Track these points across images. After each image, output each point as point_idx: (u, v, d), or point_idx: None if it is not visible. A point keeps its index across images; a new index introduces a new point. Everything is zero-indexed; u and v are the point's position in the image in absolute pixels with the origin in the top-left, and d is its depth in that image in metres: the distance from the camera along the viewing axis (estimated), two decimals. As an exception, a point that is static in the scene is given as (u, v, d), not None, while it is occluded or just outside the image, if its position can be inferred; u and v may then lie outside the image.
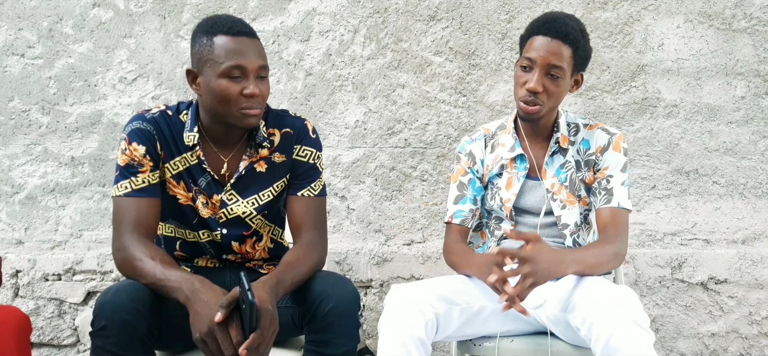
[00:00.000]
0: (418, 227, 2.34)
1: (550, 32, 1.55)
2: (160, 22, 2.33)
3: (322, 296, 1.43)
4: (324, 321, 1.42)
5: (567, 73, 1.57)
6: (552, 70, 1.55)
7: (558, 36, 1.55)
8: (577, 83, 1.64)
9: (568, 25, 1.56)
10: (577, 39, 1.56)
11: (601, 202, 1.65)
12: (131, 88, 2.34)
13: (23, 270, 2.34)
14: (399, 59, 2.32)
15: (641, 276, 2.27)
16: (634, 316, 1.34)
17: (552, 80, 1.56)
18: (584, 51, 1.59)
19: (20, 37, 2.34)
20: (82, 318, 2.36)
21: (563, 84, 1.59)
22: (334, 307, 1.42)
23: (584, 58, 1.61)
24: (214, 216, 1.56)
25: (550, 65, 1.55)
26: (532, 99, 1.57)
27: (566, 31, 1.55)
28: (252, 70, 1.48)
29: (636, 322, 1.33)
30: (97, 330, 1.39)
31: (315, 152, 1.63)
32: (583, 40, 1.58)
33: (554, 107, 1.64)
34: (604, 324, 1.34)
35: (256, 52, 1.50)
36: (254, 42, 1.51)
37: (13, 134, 2.35)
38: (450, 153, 2.32)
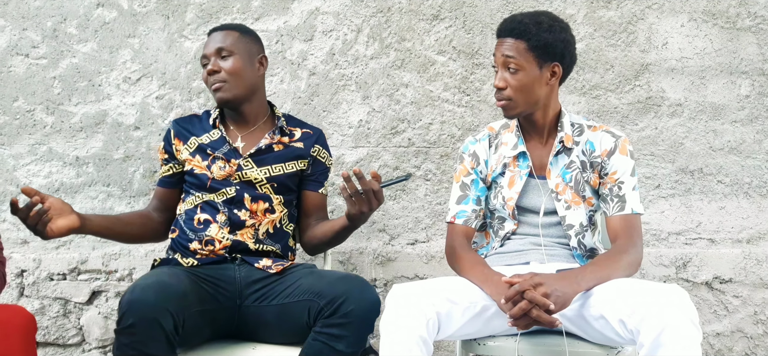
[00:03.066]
0: (421, 227, 2.34)
1: (501, 33, 1.65)
2: (163, 21, 2.34)
3: (346, 295, 1.54)
4: (343, 318, 1.53)
5: (526, 65, 1.60)
6: (509, 64, 1.62)
7: (507, 33, 1.63)
8: (554, 74, 1.64)
9: (516, 21, 1.63)
10: (527, 31, 1.60)
11: (615, 210, 1.65)
12: (135, 88, 2.35)
13: (28, 269, 2.35)
14: (402, 59, 2.32)
15: (646, 275, 2.26)
16: (690, 314, 1.35)
17: (511, 74, 1.62)
18: (539, 41, 1.59)
19: (24, 37, 2.35)
20: (87, 318, 2.36)
21: (526, 76, 1.61)
22: (354, 309, 1.52)
23: (544, 48, 1.60)
24: (230, 178, 1.79)
25: (506, 59, 1.62)
26: (500, 95, 1.65)
27: (513, 26, 1.62)
28: (211, 54, 1.79)
29: (691, 320, 1.35)
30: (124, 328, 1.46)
31: (329, 157, 1.94)
32: (537, 30, 1.59)
33: (533, 101, 1.64)
34: (658, 318, 1.35)
35: (217, 39, 1.80)
36: (222, 33, 1.81)
37: (17, 134, 2.36)
38: (454, 153, 2.32)
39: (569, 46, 1.65)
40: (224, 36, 1.81)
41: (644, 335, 1.36)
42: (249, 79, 1.81)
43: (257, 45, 1.87)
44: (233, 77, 1.78)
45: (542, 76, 1.63)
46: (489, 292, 1.53)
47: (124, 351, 1.47)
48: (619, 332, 1.45)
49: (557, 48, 1.62)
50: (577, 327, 1.55)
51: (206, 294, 1.66)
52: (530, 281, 1.45)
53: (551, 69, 1.64)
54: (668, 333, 1.33)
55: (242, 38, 1.82)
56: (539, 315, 1.42)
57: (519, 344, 1.56)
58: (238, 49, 1.80)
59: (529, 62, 1.61)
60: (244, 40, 1.82)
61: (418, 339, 1.43)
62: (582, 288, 1.50)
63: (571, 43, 1.66)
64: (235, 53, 1.79)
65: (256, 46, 1.86)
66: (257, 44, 1.87)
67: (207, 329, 1.67)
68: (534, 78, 1.62)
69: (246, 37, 1.84)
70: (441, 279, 1.62)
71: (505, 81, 1.63)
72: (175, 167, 1.87)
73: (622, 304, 1.43)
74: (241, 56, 1.79)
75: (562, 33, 1.63)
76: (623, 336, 1.45)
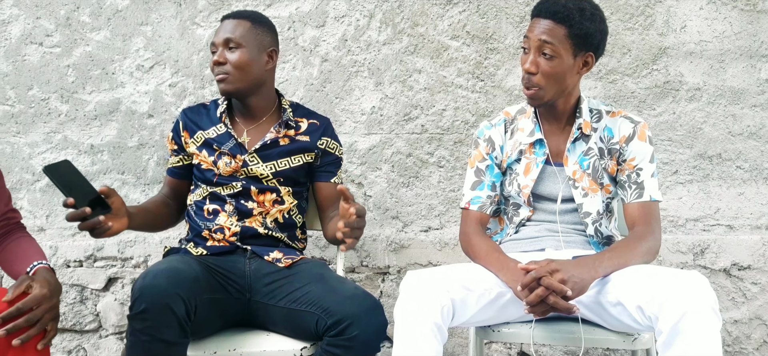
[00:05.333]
0: (435, 214, 2.33)
1: (541, 13, 1.57)
2: (176, 9, 2.33)
3: (352, 319, 1.51)
4: (348, 341, 1.51)
5: (563, 52, 1.55)
6: (545, 49, 1.55)
7: (548, 15, 1.55)
8: (586, 64, 1.60)
9: (559, 4, 1.55)
10: (569, 17, 1.53)
11: (633, 197, 1.63)
12: (148, 75, 2.35)
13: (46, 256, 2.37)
14: (415, 44, 2.30)
15: (663, 262, 2.24)
16: (710, 301, 1.34)
17: (546, 60, 1.55)
18: (580, 29, 1.54)
19: (38, 26, 2.36)
20: (104, 304, 2.39)
21: (560, 64, 1.55)
22: (359, 335, 1.51)
23: (584, 37, 1.55)
24: (235, 174, 1.79)
25: (542, 43, 1.55)
26: (529, 80, 1.58)
27: (556, 9, 1.54)
28: (219, 43, 1.76)
29: (711, 307, 1.33)
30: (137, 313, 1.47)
31: (339, 146, 1.91)
32: (579, 17, 1.53)
33: (561, 90, 1.60)
34: (677, 304, 1.33)
35: (227, 28, 1.77)
36: (232, 21, 1.77)
37: (33, 123, 2.38)
38: (467, 139, 2.30)
39: (605, 37, 1.61)
40: (235, 26, 1.76)
41: (663, 321, 1.35)
42: (255, 73, 1.77)
43: (269, 36, 1.82)
44: (238, 70, 1.74)
45: (575, 65, 1.58)
46: (505, 279, 1.52)
47: (137, 337, 1.48)
48: (636, 318, 1.43)
49: (595, 38, 1.57)
50: (594, 313, 1.53)
51: (217, 283, 1.67)
52: (547, 267, 1.43)
53: (584, 59, 1.59)
54: (688, 320, 1.32)
55: (253, 29, 1.78)
56: (556, 302, 1.41)
57: (534, 331, 1.55)
58: (246, 41, 1.75)
59: (566, 50, 1.55)
60: (254, 31, 1.77)
61: (433, 325, 1.43)
62: (599, 275, 1.48)
63: (606, 35, 1.62)
64: (242, 45, 1.75)
65: (268, 37, 1.81)
66: (269, 36, 1.82)
67: (218, 319, 1.67)
68: (567, 67, 1.57)
69: (258, 27, 1.79)
70: (455, 265, 1.61)
71: (536, 65, 1.56)
72: (184, 159, 1.87)
73: (641, 290, 1.41)
74: (248, 49, 1.75)
75: (602, 23, 1.58)
76: (641, 323, 1.43)
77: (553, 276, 1.42)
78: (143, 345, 1.48)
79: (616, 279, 1.49)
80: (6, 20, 2.35)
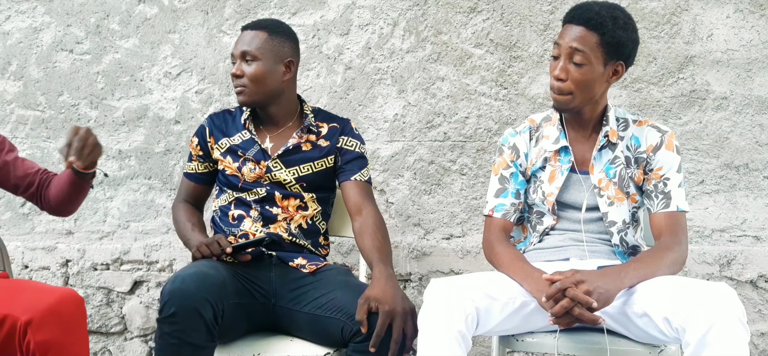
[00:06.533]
0: (457, 222, 2.33)
1: (574, 19, 1.55)
2: (203, 17, 2.37)
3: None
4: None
5: (593, 60, 1.53)
6: (575, 56, 1.53)
7: (581, 22, 1.54)
8: (616, 73, 1.59)
9: (592, 11, 1.54)
10: (602, 24, 1.52)
11: (659, 206, 1.61)
12: (175, 82, 2.39)
13: (73, 259, 2.42)
14: (439, 52, 2.31)
15: (689, 273, 2.21)
16: (738, 313, 1.33)
17: (576, 67, 1.54)
18: (613, 37, 1.53)
19: (69, 34, 2.41)
20: (129, 307, 2.43)
21: (590, 72, 1.54)
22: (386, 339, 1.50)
23: (616, 46, 1.54)
24: (260, 180, 1.80)
25: (573, 50, 1.53)
26: (558, 86, 1.56)
27: (589, 16, 1.53)
28: (237, 56, 1.78)
29: (739, 319, 1.32)
30: (166, 317, 1.49)
31: (358, 143, 1.88)
32: (612, 26, 1.52)
33: (589, 98, 1.59)
34: (705, 316, 1.32)
35: (245, 41, 1.78)
36: (250, 33, 1.78)
37: (62, 128, 2.43)
38: (490, 147, 2.30)
39: (637, 47, 1.60)
40: (252, 38, 1.77)
41: (690, 333, 1.33)
42: (271, 85, 1.77)
43: (287, 47, 1.80)
44: (254, 83, 1.75)
45: (605, 74, 1.57)
46: (529, 289, 1.51)
47: (166, 340, 1.50)
48: (663, 330, 1.42)
49: (627, 48, 1.56)
50: (620, 324, 1.52)
51: (243, 288, 1.68)
52: (572, 278, 1.43)
53: (615, 67, 1.58)
54: (715, 332, 1.30)
55: (270, 40, 1.77)
56: (582, 313, 1.40)
57: (558, 341, 1.54)
58: (263, 53, 1.75)
59: (597, 58, 1.54)
60: (272, 43, 1.77)
61: (457, 334, 1.42)
62: (625, 285, 1.47)
63: (638, 44, 1.60)
64: (259, 58, 1.75)
65: (286, 48, 1.80)
66: (287, 46, 1.81)
67: (244, 324, 1.69)
68: (597, 75, 1.56)
69: (275, 38, 1.78)
70: (479, 273, 1.61)
71: (566, 72, 1.55)
72: (209, 166, 1.89)
73: (668, 302, 1.40)
74: (265, 62, 1.75)
75: (634, 33, 1.58)
76: (667, 335, 1.42)
77: (578, 287, 1.41)
78: (172, 348, 1.51)
79: (643, 289, 1.48)
80: (38, 28, 2.41)
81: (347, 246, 2.36)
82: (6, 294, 1.49)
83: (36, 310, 1.42)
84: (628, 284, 1.48)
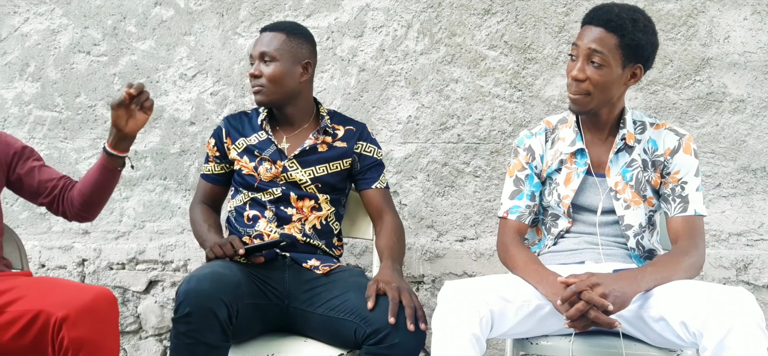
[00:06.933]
0: (470, 224, 2.33)
1: (593, 20, 1.55)
2: (218, 19, 2.39)
3: (391, 328, 1.53)
4: (388, 349, 1.53)
5: (612, 61, 1.53)
6: (594, 57, 1.53)
7: (600, 23, 1.54)
8: (634, 76, 1.59)
9: (612, 13, 1.53)
10: (622, 26, 1.51)
11: (677, 210, 1.60)
12: (191, 84, 2.41)
13: (89, 258, 2.45)
14: (452, 54, 2.31)
15: (705, 277, 2.19)
16: (757, 317, 1.31)
17: (595, 68, 1.54)
18: (632, 40, 1.52)
19: (86, 36, 2.44)
20: (144, 306, 2.45)
21: (608, 74, 1.54)
22: (400, 342, 1.52)
23: (635, 49, 1.53)
24: (276, 179, 1.82)
25: (592, 52, 1.53)
26: (576, 87, 1.56)
27: (609, 18, 1.53)
28: (255, 56, 1.81)
29: (758, 324, 1.31)
30: (181, 316, 1.51)
31: (376, 148, 1.92)
32: (632, 28, 1.52)
33: (606, 100, 1.59)
34: (722, 320, 1.31)
35: (263, 42, 1.81)
36: (268, 34, 1.81)
37: (80, 129, 2.46)
38: (504, 149, 2.30)
39: (656, 50, 1.59)
40: (271, 39, 1.80)
41: (708, 338, 1.32)
42: (289, 85, 1.80)
43: (305, 48, 1.83)
44: (272, 83, 1.78)
45: (623, 76, 1.57)
46: (544, 292, 1.51)
47: (181, 339, 1.52)
48: (680, 335, 1.41)
49: (646, 50, 1.56)
50: (636, 328, 1.51)
51: (257, 289, 1.70)
52: (587, 281, 1.42)
53: (633, 70, 1.57)
54: (734, 337, 1.29)
55: (289, 42, 1.80)
56: (597, 317, 1.40)
57: (573, 344, 1.54)
58: (281, 54, 1.78)
59: (616, 60, 1.54)
60: (290, 44, 1.80)
61: (472, 336, 1.42)
62: (641, 289, 1.46)
63: (657, 48, 1.60)
64: (277, 59, 1.78)
65: (304, 49, 1.83)
66: (305, 47, 1.83)
67: (258, 324, 1.70)
68: (615, 77, 1.55)
69: (294, 40, 1.81)
70: (494, 276, 1.60)
71: (584, 73, 1.55)
72: (225, 167, 1.91)
73: (685, 306, 1.39)
74: (283, 63, 1.78)
75: (653, 36, 1.57)
76: (685, 339, 1.41)
77: (594, 290, 1.41)
78: (187, 348, 1.52)
79: (659, 293, 1.47)
80: (55, 30, 2.44)
81: (360, 248, 2.37)
82: (39, 291, 1.51)
83: (72, 307, 1.43)
84: (645, 287, 1.47)
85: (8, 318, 1.47)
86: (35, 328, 1.44)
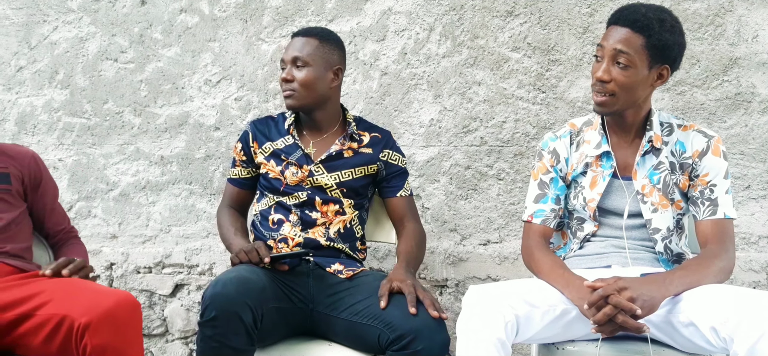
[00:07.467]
0: (494, 227, 2.31)
1: (619, 21, 1.53)
2: (242, 26, 2.41)
3: (416, 334, 1.53)
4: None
5: (638, 62, 1.51)
6: (619, 58, 1.51)
7: (626, 23, 1.51)
8: (661, 77, 1.56)
9: (638, 13, 1.51)
10: (648, 27, 1.49)
11: (706, 214, 1.58)
12: (216, 90, 2.44)
13: (117, 262, 2.49)
14: (475, 56, 2.30)
15: (735, 280, 2.15)
16: None
17: (620, 69, 1.51)
18: (659, 40, 1.50)
19: (113, 43, 2.48)
20: (171, 310, 2.48)
21: (634, 74, 1.51)
22: (424, 349, 1.52)
23: (662, 49, 1.51)
24: (302, 183, 1.84)
25: (617, 52, 1.51)
26: (601, 88, 1.54)
27: (635, 18, 1.50)
28: (287, 61, 1.83)
29: None
30: (207, 320, 1.53)
31: (401, 157, 1.95)
32: (659, 28, 1.49)
33: (632, 101, 1.57)
34: (754, 325, 1.28)
35: (296, 46, 1.82)
36: (301, 39, 1.83)
37: (107, 135, 2.50)
38: (528, 151, 2.28)
39: (683, 51, 1.57)
40: (303, 44, 1.82)
41: (739, 343, 1.30)
42: (320, 90, 1.82)
43: (336, 54, 1.86)
44: (304, 88, 1.80)
45: (649, 77, 1.55)
46: (570, 296, 1.49)
47: (207, 343, 1.54)
48: (710, 340, 1.38)
49: (673, 51, 1.53)
50: (664, 333, 1.49)
51: (282, 293, 1.71)
52: (615, 285, 1.40)
53: (660, 71, 1.55)
54: (766, 342, 1.26)
55: (321, 47, 1.82)
56: (625, 321, 1.38)
57: (600, 349, 1.52)
58: (314, 59, 1.80)
59: (642, 60, 1.52)
60: (322, 50, 1.82)
61: (497, 341, 1.41)
62: (670, 293, 1.44)
63: (684, 48, 1.57)
64: (310, 64, 1.80)
65: (335, 55, 1.85)
66: (336, 53, 1.86)
67: (283, 328, 1.72)
68: (641, 78, 1.53)
69: (326, 45, 1.83)
70: (519, 280, 1.59)
71: (609, 74, 1.53)
72: (251, 171, 1.93)
73: (715, 311, 1.36)
74: (315, 68, 1.80)
75: (681, 36, 1.55)
76: (715, 345, 1.38)
77: (621, 294, 1.39)
78: (213, 351, 1.54)
79: (689, 298, 1.44)
80: (84, 37, 2.49)
81: (383, 252, 2.37)
82: (64, 295, 1.52)
83: (94, 313, 1.44)
84: (674, 292, 1.44)
85: (37, 322, 1.48)
86: (61, 334, 1.45)
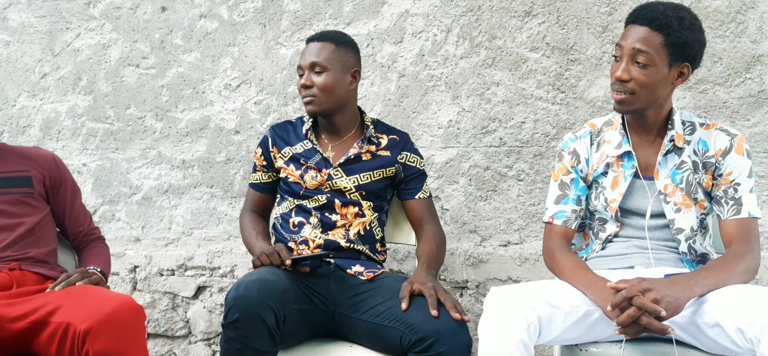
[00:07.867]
0: (514, 228, 2.31)
1: (637, 19, 1.52)
2: (260, 30, 2.44)
3: (437, 336, 1.54)
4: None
5: (657, 61, 1.50)
6: (638, 57, 1.50)
7: (645, 22, 1.50)
8: (682, 75, 1.55)
9: (657, 11, 1.50)
10: (667, 25, 1.48)
11: (730, 213, 1.56)
12: (235, 94, 2.47)
13: (140, 265, 2.53)
14: (493, 57, 2.30)
15: (759, 280, 2.12)
16: None
17: (640, 68, 1.50)
18: (679, 38, 1.48)
19: (135, 50, 2.52)
20: (193, 312, 2.51)
21: (654, 73, 1.50)
22: (446, 351, 1.53)
23: (681, 47, 1.50)
24: (321, 187, 1.85)
25: (636, 51, 1.50)
26: (621, 87, 1.53)
27: (654, 16, 1.49)
28: (305, 67, 1.83)
29: None
30: (231, 322, 1.55)
31: (419, 159, 1.95)
32: (678, 26, 1.48)
33: (652, 100, 1.55)
34: None
35: (312, 52, 1.83)
36: (317, 44, 1.84)
37: (130, 140, 2.54)
38: (548, 152, 2.27)
39: (703, 48, 1.55)
40: (320, 49, 1.83)
41: (766, 345, 1.28)
42: (340, 93, 1.83)
43: (353, 57, 1.87)
44: (324, 93, 1.81)
45: (669, 76, 1.54)
46: (593, 298, 1.49)
47: (231, 345, 1.56)
48: (736, 341, 1.37)
49: (693, 49, 1.52)
50: (689, 334, 1.48)
51: (303, 295, 1.72)
52: (638, 286, 1.39)
53: (680, 69, 1.54)
54: None
55: (337, 51, 1.83)
56: (649, 323, 1.37)
57: (624, 351, 1.51)
58: (331, 64, 1.81)
59: (662, 59, 1.51)
60: (339, 53, 1.83)
61: (519, 342, 1.41)
62: (695, 294, 1.42)
63: (704, 46, 1.56)
64: (328, 69, 1.81)
65: (352, 58, 1.87)
66: (353, 56, 1.87)
67: (305, 330, 1.73)
68: (661, 77, 1.52)
69: (342, 49, 1.85)
70: (541, 282, 1.59)
71: (628, 73, 1.52)
72: (272, 175, 1.95)
73: (741, 312, 1.35)
74: (333, 72, 1.81)
75: (700, 34, 1.53)
76: (741, 346, 1.37)
77: (645, 295, 1.38)
78: (237, 352, 1.56)
79: (714, 298, 1.43)
80: (106, 44, 2.53)
81: (403, 253, 2.38)
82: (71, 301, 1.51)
83: (94, 319, 1.43)
84: (699, 293, 1.43)
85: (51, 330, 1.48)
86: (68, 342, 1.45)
